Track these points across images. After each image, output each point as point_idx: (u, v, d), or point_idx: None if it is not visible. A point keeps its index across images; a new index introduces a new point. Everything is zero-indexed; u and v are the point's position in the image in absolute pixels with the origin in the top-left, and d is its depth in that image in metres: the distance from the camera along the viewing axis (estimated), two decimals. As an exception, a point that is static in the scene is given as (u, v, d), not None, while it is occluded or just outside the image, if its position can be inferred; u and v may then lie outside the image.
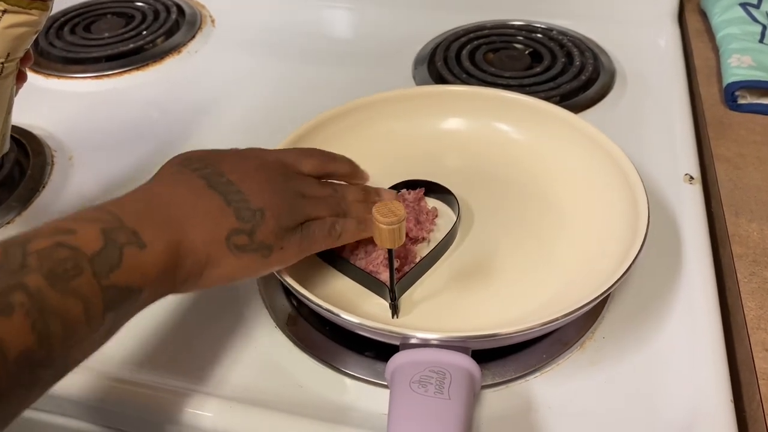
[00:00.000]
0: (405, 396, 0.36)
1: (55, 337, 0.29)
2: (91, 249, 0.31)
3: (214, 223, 0.37)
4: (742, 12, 0.74)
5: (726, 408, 0.41)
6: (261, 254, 0.39)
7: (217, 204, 0.38)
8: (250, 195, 0.39)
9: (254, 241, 0.38)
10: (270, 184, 0.41)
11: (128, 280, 0.33)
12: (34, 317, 0.28)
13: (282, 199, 0.41)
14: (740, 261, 0.50)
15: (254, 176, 0.41)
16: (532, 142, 0.58)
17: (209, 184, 0.39)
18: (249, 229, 0.38)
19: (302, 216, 0.42)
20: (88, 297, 0.30)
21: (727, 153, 0.60)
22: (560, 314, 0.40)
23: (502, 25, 0.82)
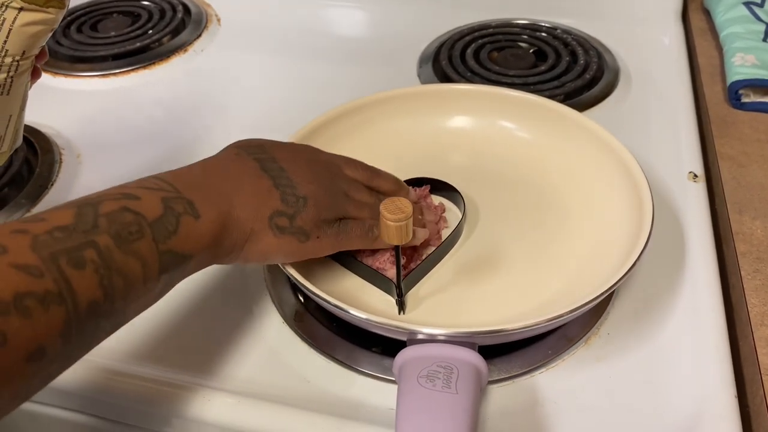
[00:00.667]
0: (413, 390, 0.37)
1: (117, 292, 0.32)
2: (153, 215, 0.34)
3: (261, 202, 0.40)
4: (745, 11, 0.75)
5: (730, 403, 0.42)
6: (298, 238, 0.41)
7: (266, 185, 0.41)
8: (298, 183, 0.42)
9: (294, 225, 0.41)
10: (318, 177, 0.44)
11: (183, 247, 0.35)
12: (102, 273, 0.31)
13: (326, 193, 0.43)
14: (744, 258, 0.50)
15: (305, 168, 0.44)
16: (537, 140, 0.58)
17: (262, 167, 0.42)
18: (291, 212, 0.41)
19: (342, 212, 0.44)
20: (147, 259, 0.33)
21: (731, 151, 0.60)
22: (565, 310, 0.40)
23: (506, 24, 0.82)
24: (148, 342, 0.47)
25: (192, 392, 0.43)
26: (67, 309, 0.29)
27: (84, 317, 0.30)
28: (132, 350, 0.47)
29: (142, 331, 0.48)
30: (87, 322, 0.31)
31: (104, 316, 0.32)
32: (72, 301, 0.29)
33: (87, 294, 0.30)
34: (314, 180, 0.43)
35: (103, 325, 0.32)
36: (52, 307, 0.28)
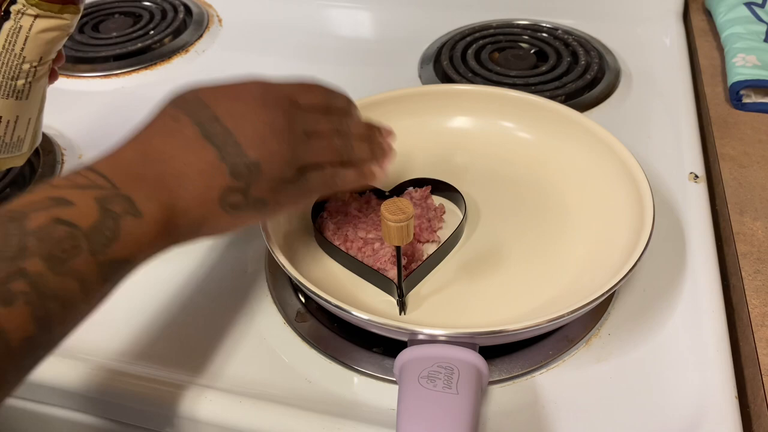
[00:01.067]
0: (414, 391, 0.37)
1: (55, 319, 0.29)
2: (88, 223, 0.31)
3: (208, 183, 0.36)
4: (747, 11, 0.75)
5: (730, 404, 0.42)
6: (256, 209, 0.38)
7: (211, 159, 0.36)
8: (247, 144, 0.37)
9: (249, 198, 0.37)
10: (270, 127, 0.38)
11: (125, 252, 0.32)
12: (35, 305, 0.28)
13: (281, 144, 0.38)
14: (745, 259, 0.50)
15: (253, 119, 0.38)
16: (538, 140, 0.58)
17: (203, 133, 0.36)
18: (243, 186, 0.37)
19: (302, 162, 0.40)
20: (86, 275, 0.30)
21: (732, 152, 0.60)
22: (566, 311, 0.40)
23: (507, 25, 0.82)
24: (150, 342, 0.47)
25: (194, 392, 0.43)
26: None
27: (19, 354, 0.28)
28: (133, 350, 0.47)
29: (144, 332, 0.48)
30: (23, 358, 0.28)
31: (42, 346, 0.29)
32: (3, 341, 0.27)
33: (19, 331, 0.27)
34: (267, 133, 0.38)
35: (42, 354, 0.30)
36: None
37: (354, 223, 0.50)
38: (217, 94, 0.39)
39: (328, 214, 0.52)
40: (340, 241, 0.50)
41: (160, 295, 0.51)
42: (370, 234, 0.50)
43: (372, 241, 0.49)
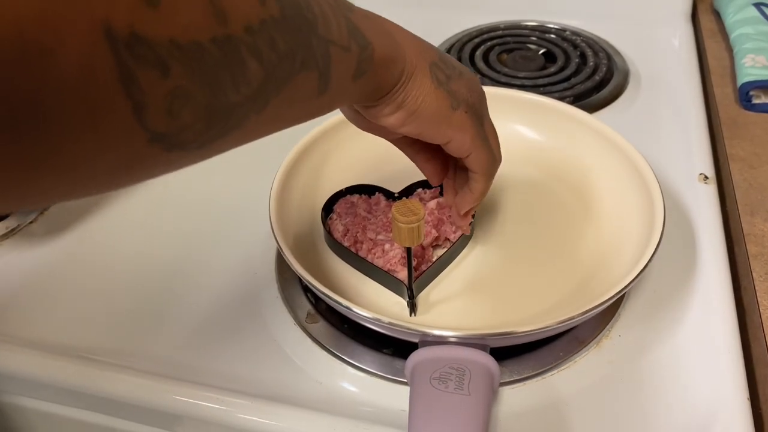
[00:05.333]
0: (425, 392, 0.37)
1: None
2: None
3: (423, 49, 0.38)
4: (756, 12, 0.74)
5: (742, 406, 0.41)
6: (450, 100, 0.39)
7: (426, 44, 0.39)
8: (458, 64, 0.41)
9: (449, 83, 0.39)
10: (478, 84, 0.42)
11: (362, 26, 0.32)
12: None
13: (477, 92, 0.42)
14: (756, 260, 0.50)
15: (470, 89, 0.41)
16: (547, 141, 0.58)
17: (431, 45, 0.40)
18: (447, 74, 0.39)
19: (483, 115, 0.43)
20: (336, 12, 0.30)
21: (742, 153, 0.60)
22: (577, 312, 0.40)
23: (515, 26, 0.82)
24: (161, 344, 0.47)
25: (205, 393, 0.44)
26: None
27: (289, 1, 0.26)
28: (143, 351, 0.47)
29: (154, 333, 0.48)
30: (291, 9, 0.26)
31: (307, 25, 0.28)
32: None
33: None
34: (474, 83, 0.41)
35: (303, 42, 0.27)
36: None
37: (363, 225, 0.51)
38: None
39: (338, 215, 0.52)
40: (349, 243, 0.50)
41: (169, 296, 0.51)
42: (380, 235, 0.50)
43: (382, 242, 0.49)
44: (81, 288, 0.52)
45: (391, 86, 0.36)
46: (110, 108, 0.19)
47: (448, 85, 0.38)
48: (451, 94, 0.39)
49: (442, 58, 0.39)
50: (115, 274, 0.53)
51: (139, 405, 0.45)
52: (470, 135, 0.40)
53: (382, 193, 0.54)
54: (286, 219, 0.49)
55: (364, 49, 0.32)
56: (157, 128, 0.21)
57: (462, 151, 0.41)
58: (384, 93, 0.36)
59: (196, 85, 0.22)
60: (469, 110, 0.40)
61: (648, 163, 0.51)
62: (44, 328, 0.49)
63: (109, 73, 0.19)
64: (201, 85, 0.22)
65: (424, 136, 0.40)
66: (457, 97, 0.39)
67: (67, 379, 0.45)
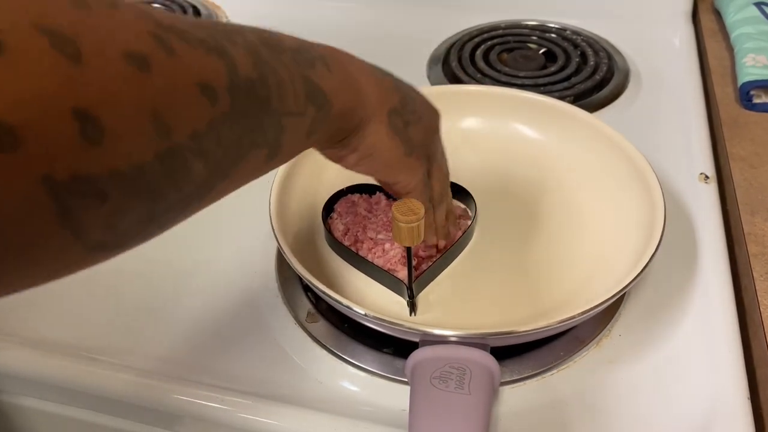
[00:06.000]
0: (426, 391, 0.37)
1: (272, 84, 0.28)
2: (290, 44, 0.31)
3: (383, 94, 0.38)
4: (756, 11, 0.74)
5: (743, 405, 0.41)
6: (405, 147, 0.39)
7: (389, 84, 0.39)
8: (421, 102, 0.42)
9: (407, 130, 0.39)
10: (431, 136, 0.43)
11: (321, 82, 0.32)
12: (254, 56, 0.27)
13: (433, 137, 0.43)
14: (756, 260, 0.50)
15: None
16: (548, 141, 0.58)
17: (396, 86, 0.40)
18: (406, 119, 0.39)
19: (431, 159, 0.43)
20: (292, 72, 0.30)
21: (743, 152, 0.60)
22: (577, 312, 0.40)
23: (516, 25, 0.82)
24: (161, 343, 0.47)
25: (205, 393, 0.44)
26: (226, 63, 0.25)
27: (242, 88, 0.25)
28: (143, 351, 0.47)
29: (154, 333, 0.48)
30: (244, 97, 0.26)
31: (259, 105, 0.27)
32: (230, 63, 0.25)
33: (244, 68, 0.26)
34: (435, 118, 0.43)
35: (254, 125, 0.27)
36: (212, 56, 0.24)
37: (364, 224, 0.51)
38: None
39: (338, 214, 0.52)
40: (350, 242, 0.50)
41: (169, 295, 0.51)
42: (380, 235, 0.50)
43: (382, 241, 0.49)
44: (81, 287, 0.52)
45: (346, 134, 0.36)
46: (48, 237, 0.20)
47: (405, 132, 0.39)
48: (406, 142, 0.39)
49: (403, 102, 0.39)
50: (114, 274, 0.53)
51: (139, 404, 0.45)
52: (417, 178, 0.42)
53: (382, 192, 0.54)
54: (287, 218, 0.49)
55: (320, 109, 0.32)
56: (95, 239, 0.21)
57: (405, 192, 0.43)
58: (338, 140, 0.37)
59: (136, 201, 0.22)
60: (422, 155, 0.41)
61: (649, 163, 0.51)
62: (44, 328, 0.49)
63: (47, 213, 0.19)
64: (140, 201, 0.22)
65: (376, 176, 0.42)
66: (411, 143, 0.40)
67: (67, 378, 0.45)
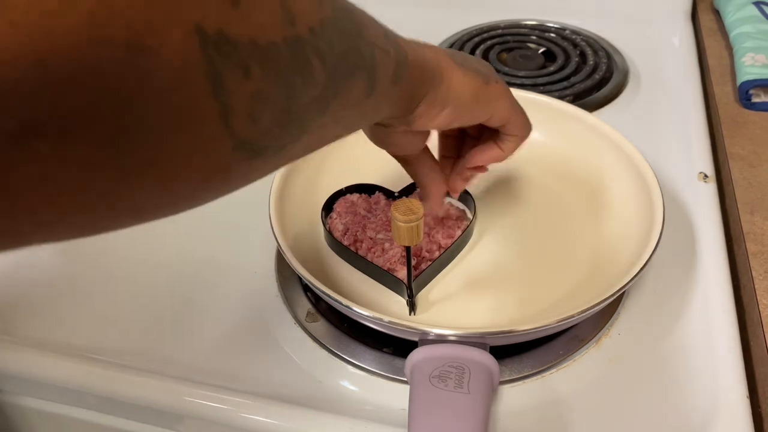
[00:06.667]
0: (425, 390, 0.37)
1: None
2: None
3: (433, 46, 0.38)
4: (755, 10, 0.74)
5: (742, 404, 0.41)
6: (479, 77, 0.39)
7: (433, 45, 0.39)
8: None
9: (469, 65, 0.39)
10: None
11: (396, 41, 0.33)
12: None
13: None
14: (755, 259, 0.50)
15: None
16: (547, 140, 0.58)
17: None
18: (461, 58, 0.39)
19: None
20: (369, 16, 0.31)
21: (742, 151, 0.60)
22: (576, 311, 0.40)
23: (515, 25, 0.82)
24: (160, 343, 0.48)
25: (205, 392, 0.44)
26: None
27: (338, 2, 0.27)
28: (144, 351, 0.47)
29: (153, 333, 0.48)
30: (341, 10, 0.27)
31: (354, 26, 0.28)
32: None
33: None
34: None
35: (353, 43, 0.28)
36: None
37: (363, 224, 0.51)
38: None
39: (338, 214, 0.52)
40: (349, 242, 0.50)
41: (168, 296, 0.51)
42: (380, 234, 0.50)
43: (381, 241, 0.49)
44: (78, 290, 0.52)
45: (428, 88, 0.36)
46: (200, 112, 0.19)
47: (469, 66, 0.39)
48: (476, 73, 0.39)
49: (448, 51, 0.40)
50: (112, 275, 0.53)
51: (139, 404, 0.45)
52: (507, 101, 0.41)
53: (382, 192, 0.54)
54: (286, 218, 0.49)
55: (399, 53, 0.33)
56: (240, 134, 0.21)
57: (504, 119, 0.42)
58: (421, 98, 0.36)
59: (274, 88, 0.22)
60: (497, 80, 0.41)
61: (648, 162, 0.51)
62: (43, 329, 0.49)
63: (200, 74, 0.19)
64: (277, 87, 0.22)
65: (471, 120, 0.41)
66: (482, 72, 0.39)
67: (69, 378, 0.45)
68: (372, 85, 0.30)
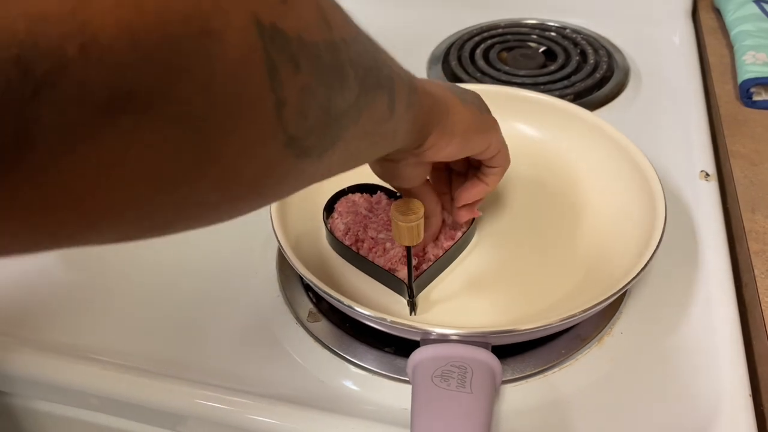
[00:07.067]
0: (427, 390, 0.37)
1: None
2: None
3: (439, 85, 0.39)
4: (756, 9, 0.74)
5: (744, 403, 0.41)
6: (475, 109, 0.40)
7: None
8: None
9: (466, 97, 0.40)
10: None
11: (412, 80, 0.33)
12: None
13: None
14: (757, 257, 0.50)
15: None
16: (548, 140, 0.58)
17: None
18: (458, 89, 0.41)
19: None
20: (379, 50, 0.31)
21: (743, 150, 0.60)
22: (578, 310, 0.40)
23: (515, 24, 0.82)
24: (162, 344, 0.48)
25: (207, 392, 0.44)
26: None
27: (358, 26, 0.27)
28: (145, 352, 0.47)
29: (155, 333, 0.48)
30: (362, 32, 0.28)
31: (372, 46, 0.29)
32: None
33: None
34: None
35: (374, 60, 0.28)
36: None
37: (365, 224, 0.51)
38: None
39: (339, 214, 0.52)
40: (351, 242, 0.50)
41: (171, 296, 0.51)
42: (381, 234, 0.50)
43: (383, 241, 0.49)
44: (79, 290, 0.52)
45: (438, 119, 0.37)
46: (259, 102, 0.19)
47: (466, 100, 0.40)
48: (474, 105, 0.41)
49: (446, 84, 0.41)
50: (110, 276, 0.53)
51: (139, 404, 0.45)
52: (498, 132, 0.43)
53: (383, 191, 0.54)
54: (288, 218, 0.49)
55: (410, 80, 0.33)
56: (291, 128, 0.21)
57: (497, 149, 0.43)
58: (432, 129, 0.37)
59: (318, 85, 0.22)
60: (488, 110, 0.42)
61: (649, 161, 0.51)
62: (44, 331, 0.49)
63: (260, 64, 0.19)
64: (321, 86, 0.23)
65: (473, 150, 0.42)
66: (477, 104, 0.41)
67: (71, 378, 0.45)
68: (392, 104, 0.30)
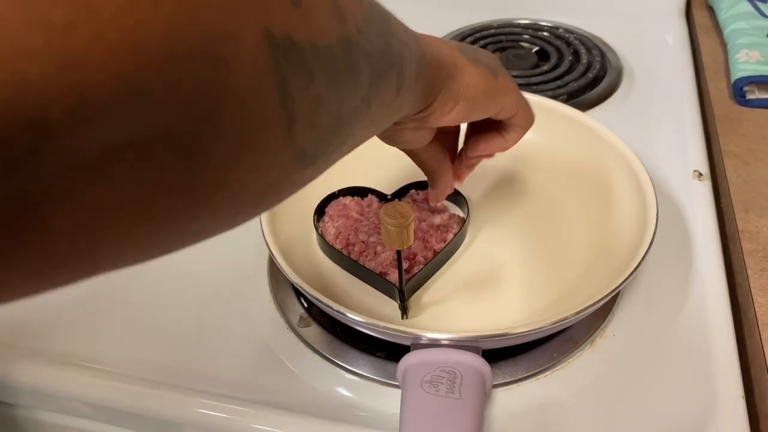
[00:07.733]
0: (416, 396, 0.36)
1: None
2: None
3: (444, 39, 0.38)
4: (749, 7, 0.74)
5: (737, 404, 0.41)
6: (488, 71, 0.38)
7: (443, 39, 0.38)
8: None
9: (478, 58, 0.38)
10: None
11: (409, 35, 0.31)
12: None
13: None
14: (750, 257, 0.50)
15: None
16: (540, 140, 0.58)
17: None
18: (471, 51, 0.39)
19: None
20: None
21: (736, 149, 0.60)
22: (570, 313, 0.40)
23: (508, 24, 0.82)
24: (153, 350, 0.47)
25: (197, 399, 0.43)
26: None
27: (372, 2, 0.25)
28: (136, 358, 0.47)
29: (145, 339, 0.48)
30: (374, 9, 0.26)
31: (385, 23, 0.27)
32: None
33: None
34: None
35: (386, 41, 0.26)
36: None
37: (356, 227, 0.50)
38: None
39: (330, 218, 0.52)
40: (341, 245, 0.49)
41: (158, 301, 0.51)
42: (372, 237, 0.49)
43: (373, 244, 0.49)
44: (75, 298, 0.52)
45: (443, 83, 0.35)
46: (268, 123, 0.18)
47: (479, 61, 0.38)
48: (488, 67, 0.39)
49: (459, 44, 0.39)
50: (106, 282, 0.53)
51: (131, 412, 0.45)
52: (515, 95, 0.41)
53: (374, 194, 0.53)
54: (278, 222, 0.49)
55: (418, 47, 0.32)
56: (300, 142, 0.20)
57: (511, 112, 0.42)
58: (437, 94, 0.35)
59: (330, 92, 0.21)
60: (504, 73, 0.40)
61: (641, 161, 0.51)
62: (44, 341, 0.49)
63: (270, 84, 0.18)
64: (333, 92, 0.22)
65: (481, 115, 0.40)
66: (491, 66, 0.39)
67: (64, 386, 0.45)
68: (400, 81, 0.29)
